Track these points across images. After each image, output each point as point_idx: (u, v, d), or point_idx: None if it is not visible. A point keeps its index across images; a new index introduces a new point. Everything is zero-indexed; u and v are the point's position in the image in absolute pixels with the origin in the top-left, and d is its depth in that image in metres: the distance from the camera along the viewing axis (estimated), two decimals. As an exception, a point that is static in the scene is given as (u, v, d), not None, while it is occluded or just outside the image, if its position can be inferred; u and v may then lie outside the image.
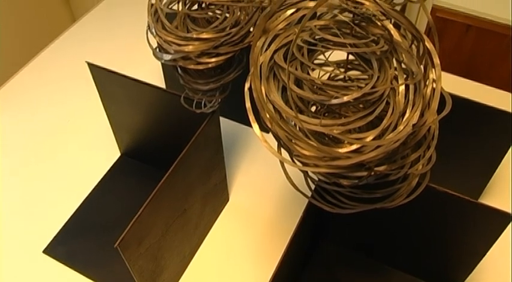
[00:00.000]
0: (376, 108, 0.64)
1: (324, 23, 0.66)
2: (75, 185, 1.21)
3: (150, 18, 0.80)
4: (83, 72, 1.47)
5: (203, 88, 0.83)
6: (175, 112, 0.97)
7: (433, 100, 0.66)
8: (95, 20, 1.66)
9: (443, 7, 1.82)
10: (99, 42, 1.58)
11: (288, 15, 0.66)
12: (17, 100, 1.41)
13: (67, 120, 1.35)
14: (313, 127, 0.60)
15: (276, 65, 0.64)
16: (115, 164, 1.25)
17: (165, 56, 0.77)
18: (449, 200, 0.82)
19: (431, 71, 0.67)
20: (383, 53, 0.65)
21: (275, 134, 0.64)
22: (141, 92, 1.00)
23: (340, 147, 0.62)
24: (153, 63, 1.45)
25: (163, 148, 1.12)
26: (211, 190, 1.04)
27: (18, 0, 2.44)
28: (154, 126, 1.08)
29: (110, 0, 1.74)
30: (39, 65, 1.51)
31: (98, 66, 1.01)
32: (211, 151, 0.97)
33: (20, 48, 2.49)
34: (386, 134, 0.62)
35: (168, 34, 0.77)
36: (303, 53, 0.65)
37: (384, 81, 0.64)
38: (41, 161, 1.26)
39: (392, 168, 0.67)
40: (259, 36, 0.64)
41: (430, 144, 0.70)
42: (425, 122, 0.65)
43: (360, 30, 0.64)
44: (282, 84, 0.65)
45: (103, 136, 1.30)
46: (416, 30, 0.64)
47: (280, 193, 1.15)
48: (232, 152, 1.25)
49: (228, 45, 0.76)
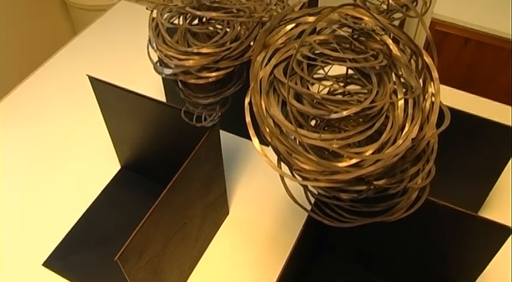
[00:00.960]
0: (375, 122, 0.64)
1: (323, 38, 0.66)
2: (75, 198, 1.21)
3: (151, 32, 0.81)
4: (83, 85, 1.48)
5: (203, 102, 0.84)
6: (175, 125, 0.97)
7: (432, 114, 0.66)
8: (95, 34, 1.67)
9: (442, 20, 1.83)
10: (100, 56, 1.58)
11: (288, 30, 0.66)
12: (18, 113, 1.41)
13: (68, 131, 1.35)
14: (312, 141, 0.61)
15: (276, 80, 0.64)
16: (115, 177, 1.25)
17: (166, 71, 0.78)
18: (448, 213, 0.82)
19: (430, 85, 0.67)
20: (382, 67, 0.65)
21: (275, 148, 0.64)
22: (142, 106, 1.00)
23: (340, 161, 0.62)
24: (154, 76, 1.46)
25: (164, 161, 1.12)
26: (211, 203, 1.04)
27: (20, 13, 2.46)
28: (155, 140, 1.08)
29: (111, 14, 1.75)
30: (40, 78, 1.52)
31: (98, 80, 1.02)
32: (211, 165, 0.97)
33: (21, 61, 2.50)
34: (386, 148, 0.63)
35: (168, 48, 0.77)
36: (302, 67, 0.65)
37: (383, 95, 0.64)
38: (41, 174, 1.26)
39: (392, 182, 0.68)
40: (260, 51, 0.65)
41: (430, 158, 0.70)
42: (424, 136, 0.65)
43: (359, 45, 0.65)
44: (282, 99, 0.65)
45: (103, 149, 1.30)
46: (415, 45, 0.65)
47: (280, 206, 1.15)
48: (232, 165, 1.25)
49: (228, 59, 0.77)
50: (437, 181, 0.94)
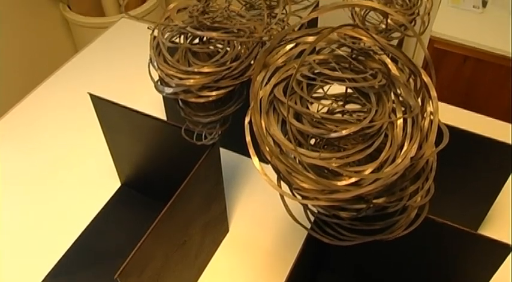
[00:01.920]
0: (374, 141, 0.64)
1: (322, 58, 0.67)
2: (74, 215, 1.21)
3: (152, 51, 0.82)
4: (84, 102, 1.49)
5: (204, 121, 0.84)
6: (176, 143, 0.98)
7: (430, 133, 0.67)
8: (96, 51, 1.68)
9: (440, 38, 1.84)
10: (101, 73, 1.59)
11: (288, 50, 0.67)
12: (18, 129, 1.42)
13: (69, 149, 1.36)
14: (312, 160, 0.61)
15: (276, 99, 0.65)
16: (115, 194, 1.25)
17: (167, 89, 0.78)
18: (448, 231, 0.82)
19: (428, 104, 0.68)
20: (381, 87, 0.66)
21: (275, 167, 0.64)
22: (142, 123, 1.01)
23: (339, 180, 0.63)
24: (154, 94, 1.46)
25: (164, 179, 1.12)
26: (211, 221, 1.04)
27: (21, 30, 2.47)
28: (155, 157, 1.09)
29: (112, 32, 1.77)
30: (41, 95, 1.52)
31: (99, 97, 1.02)
32: (211, 182, 0.97)
33: (23, 77, 2.51)
34: (385, 167, 0.63)
35: (169, 68, 0.78)
36: (302, 87, 0.66)
37: (382, 114, 0.65)
38: (41, 191, 1.26)
39: (391, 201, 0.68)
40: (260, 71, 0.66)
41: (429, 176, 0.70)
42: (423, 154, 0.66)
43: (358, 64, 0.65)
44: (282, 118, 0.66)
45: (103, 166, 1.31)
46: (413, 64, 0.65)
47: (280, 224, 1.15)
48: (232, 182, 1.26)
49: (229, 78, 0.78)
50: (437, 199, 0.94)
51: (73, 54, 1.70)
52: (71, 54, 2.58)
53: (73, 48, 2.77)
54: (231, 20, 0.80)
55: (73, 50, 2.75)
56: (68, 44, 2.77)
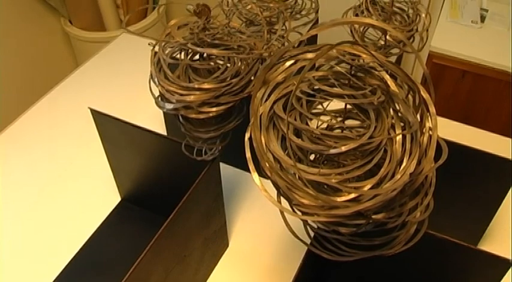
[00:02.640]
0: (373, 157, 0.65)
1: (322, 74, 0.68)
2: (74, 230, 1.21)
3: (152, 67, 0.82)
4: (84, 116, 1.49)
5: (204, 136, 0.85)
6: (176, 158, 0.98)
7: (429, 148, 0.67)
8: (97, 66, 1.69)
9: (439, 53, 1.85)
10: (102, 88, 1.60)
11: (287, 67, 0.68)
12: (19, 144, 1.42)
13: (69, 163, 1.36)
14: (311, 177, 0.61)
15: (276, 115, 0.66)
16: (115, 208, 1.25)
17: (167, 105, 0.79)
18: (448, 246, 0.82)
19: (427, 120, 0.68)
20: (380, 103, 0.66)
21: (275, 183, 0.65)
22: (143, 139, 1.01)
23: (339, 196, 0.63)
24: (155, 109, 1.46)
25: (164, 194, 1.12)
26: (211, 236, 1.04)
27: (22, 44, 2.49)
28: (155, 172, 1.09)
29: (113, 46, 1.78)
30: (42, 109, 1.53)
31: (100, 112, 1.03)
32: (211, 198, 0.98)
33: (23, 91, 2.52)
34: (384, 183, 0.63)
35: (170, 84, 0.78)
36: (302, 103, 0.66)
37: (381, 130, 0.65)
38: (41, 204, 1.26)
39: (391, 216, 0.68)
40: (259, 88, 0.66)
41: (428, 192, 0.71)
42: (422, 170, 0.66)
43: (357, 81, 0.66)
44: (282, 134, 0.66)
45: (103, 181, 1.31)
46: (412, 81, 0.66)
47: (280, 239, 1.15)
48: (232, 197, 1.26)
49: (229, 95, 0.78)
50: (437, 214, 0.94)
51: (74, 68, 1.70)
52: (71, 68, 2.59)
53: (74, 62, 2.78)
54: (231, 36, 0.81)
55: (74, 64, 2.76)
56: (69, 59, 2.79)
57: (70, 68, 2.60)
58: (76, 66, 2.42)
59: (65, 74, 1.67)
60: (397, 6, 0.98)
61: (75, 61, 2.78)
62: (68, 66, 2.76)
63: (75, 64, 2.76)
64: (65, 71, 2.54)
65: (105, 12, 2.55)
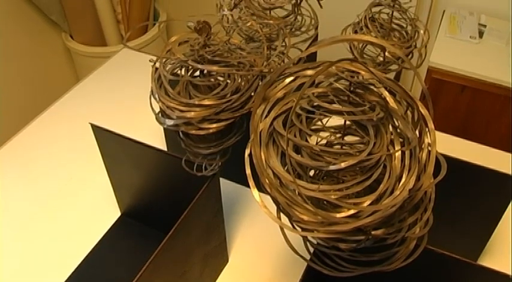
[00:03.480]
0: (373, 173, 0.65)
1: (321, 91, 0.68)
2: (73, 245, 1.21)
3: (153, 83, 0.83)
4: (85, 131, 1.49)
5: (204, 152, 0.85)
6: (176, 174, 0.98)
7: (428, 164, 0.67)
8: (98, 81, 1.70)
9: (438, 68, 1.86)
10: (102, 103, 1.61)
11: (287, 83, 0.68)
12: (19, 158, 1.43)
13: (69, 178, 1.36)
14: (311, 193, 0.62)
15: (275, 132, 0.66)
16: (115, 223, 1.25)
17: (168, 122, 0.79)
18: (448, 261, 0.82)
19: (426, 136, 0.68)
20: (379, 119, 0.67)
21: (274, 199, 0.65)
22: (143, 154, 1.01)
23: (338, 212, 0.63)
24: (155, 124, 1.47)
25: (164, 209, 1.12)
26: (211, 252, 1.04)
27: (23, 59, 2.50)
28: (155, 187, 1.09)
29: (114, 61, 1.79)
30: (43, 124, 1.54)
31: (101, 128, 1.03)
32: (211, 213, 0.98)
33: (24, 106, 2.53)
34: (383, 199, 0.64)
35: (170, 100, 0.79)
36: (301, 119, 0.67)
37: (380, 147, 0.66)
38: (40, 219, 1.26)
39: (390, 232, 0.68)
40: (259, 104, 0.67)
41: (427, 207, 0.71)
42: (421, 186, 0.66)
43: (356, 98, 0.66)
44: (281, 150, 0.67)
45: (103, 196, 1.31)
46: (411, 97, 0.66)
47: (280, 255, 1.15)
48: (232, 213, 1.26)
49: (229, 111, 0.79)
50: (436, 229, 0.94)
51: (75, 83, 1.71)
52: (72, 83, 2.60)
53: (75, 77, 2.80)
54: (231, 52, 0.82)
55: (75, 79, 2.78)
56: (70, 73, 2.80)
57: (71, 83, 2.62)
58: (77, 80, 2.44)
59: (66, 89, 1.68)
60: (396, 23, 0.99)
61: (76, 76, 2.79)
62: (69, 80, 2.77)
63: (76, 79, 2.78)
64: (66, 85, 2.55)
65: (106, 27, 2.57)
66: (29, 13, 2.47)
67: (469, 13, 2.10)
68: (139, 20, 2.58)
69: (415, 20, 0.98)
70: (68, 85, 1.79)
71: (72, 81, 2.70)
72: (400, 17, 0.98)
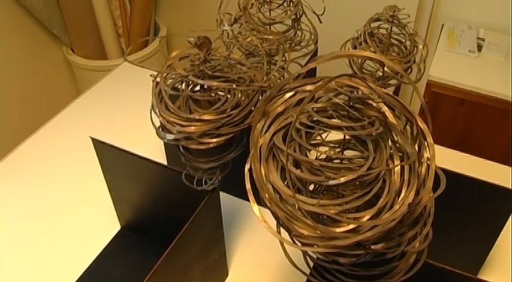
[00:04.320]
0: (372, 188, 0.66)
1: (321, 106, 0.69)
2: (73, 258, 1.20)
3: (154, 98, 0.83)
4: (85, 145, 1.50)
5: (204, 166, 0.86)
6: (176, 188, 0.99)
7: (428, 179, 0.68)
8: (98, 94, 1.71)
9: (437, 82, 1.87)
10: (103, 116, 1.61)
11: (287, 99, 0.69)
12: (19, 171, 1.43)
13: (69, 191, 1.37)
14: (311, 208, 0.62)
15: (275, 147, 0.66)
16: (115, 237, 1.25)
17: (168, 136, 0.80)
18: (448, 275, 0.82)
19: (425, 150, 0.69)
20: (378, 134, 0.67)
21: (274, 214, 0.65)
22: (143, 168, 1.02)
23: (338, 227, 0.64)
24: (155, 138, 1.48)
25: (164, 223, 1.13)
26: (211, 265, 1.04)
27: (24, 72, 2.51)
28: (155, 201, 1.10)
29: (114, 75, 1.79)
30: (43, 137, 1.54)
31: (101, 142, 1.04)
32: (211, 227, 0.98)
33: (24, 119, 2.54)
34: (383, 214, 0.64)
35: (171, 115, 0.79)
36: (301, 134, 0.67)
37: (379, 161, 0.66)
38: (40, 232, 1.26)
39: (390, 246, 0.69)
40: (259, 119, 0.67)
41: (427, 221, 0.71)
42: (420, 200, 0.67)
43: (355, 113, 0.67)
44: (281, 164, 0.67)
45: (103, 209, 1.31)
46: (409, 112, 0.67)
47: (280, 269, 1.15)
48: (232, 226, 1.26)
49: (229, 126, 0.79)
50: (436, 243, 0.94)
51: (75, 96, 1.72)
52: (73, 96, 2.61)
53: (75, 90, 2.81)
54: (231, 68, 0.82)
55: (75, 92, 2.78)
56: (71, 86, 2.81)
57: (71, 96, 2.63)
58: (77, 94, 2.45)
59: (67, 102, 1.69)
60: (395, 38, 0.99)
61: (77, 89, 2.81)
62: (70, 94, 2.78)
63: (77, 92, 2.79)
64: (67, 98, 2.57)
65: (106, 41, 2.58)
66: (30, 26, 2.48)
67: (468, 27, 2.11)
68: (139, 34, 2.59)
69: (413, 35, 0.98)
70: (69, 98, 1.80)
71: (72, 95, 2.71)
72: (399, 32, 0.98)
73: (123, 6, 2.57)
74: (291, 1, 1.04)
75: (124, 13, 2.58)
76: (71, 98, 1.79)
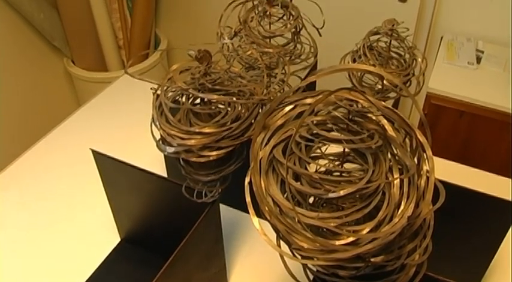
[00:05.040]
0: (372, 201, 0.66)
1: (320, 119, 0.69)
2: (73, 270, 1.20)
3: (154, 111, 0.84)
4: (86, 156, 1.50)
5: (204, 179, 0.86)
6: (176, 200, 0.99)
7: (427, 191, 0.68)
8: (99, 106, 1.71)
9: (437, 94, 1.88)
10: (103, 128, 1.61)
11: (287, 112, 0.69)
12: (19, 183, 1.43)
13: (69, 203, 1.37)
14: (310, 221, 0.62)
15: (275, 160, 0.67)
16: (114, 249, 1.25)
17: (168, 149, 0.80)
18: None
19: (424, 163, 0.69)
20: (378, 147, 0.67)
21: (274, 226, 0.65)
22: (143, 180, 1.02)
23: (338, 239, 0.64)
24: (155, 150, 1.48)
25: (164, 235, 1.13)
26: (211, 278, 1.04)
27: (25, 84, 2.52)
28: (155, 213, 1.10)
29: (115, 87, 1.80)
30: (43, 149, 1.54)
31: (101, 154, 1.04)
32: (211, 240, 0.98)
33: (25, 131, 2.54)
34: (382, 226, 0.64)
35: (171, 128, 0.80)
36: (300, 147, 0.68)
37: (379, 174, 0.67)
38: (40, 244, 1.26)
39: (389, 259, 0.69)
40: (259, 132, 0.68)
41: (426, 234, 0.71)
42: (420, 213, 0.67)
43: (354, 126, 0.67)
44: (281, 177, 0.67)
45: (103, 221, 1.31)
46: (408, 125, 0.67)
47: (279, 281, 1.15)
48: (232, 239, 1.26)
49: (229, 139, 0.80)
50: (436, 255, 0.94)
51: (76, 107, 1.72)
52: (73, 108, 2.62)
53: (76, 102, 2.81)
54: (231, 81, 0.83)
55: (76, 104, 2.79)
56: (71, 98, 2.82)
57: (72, 108, 2.64)
58: (78, 105, 2.46)
59: (67, 114, 1.69)
60: (394, 51, 1.00)
61: (77, 101, 2.81)
62: (70, 105, 2.78)
63: (77, 104, 2.79)
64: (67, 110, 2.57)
65: (107, 53, 2.59)
66: (31, 38, 2.49)
67: (467, 39, 2.12)
68: (140, 46, 2.60)
69: (412, 48, 0.99)
70: (69, 110, 1.80)
71: (73, 106, 2.71)
72: (398, 46, 0.99)
73: (124, 19, 2.58)
74: (290, 14, 1.05)
75: (125, 25, 2.59)
76: (71, 109, 1.80)
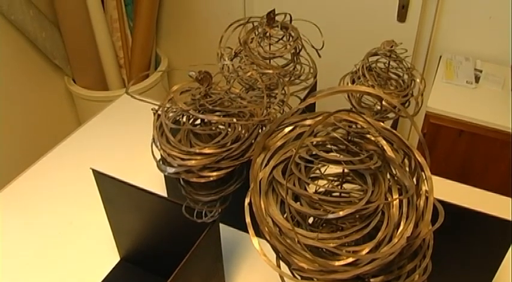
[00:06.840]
0: (371, 221, 0.66)
1: (320, 140, 0.70)
2: (73, 291, 1.20)
3: (155, 131, 0.85)
4: (86, 176, 1.50)
5: (204, 199, 0.86)
6: (176, 220, 0.99)
7: (426, 211, 0.68)
8: (99, 125, 1.72)
9: (436, 114, 1.89)
10: (103, 147, 1.62)
11: (286, 133, 0.70)
12: (19, 202, 1.43)
13: (69, 222, 1.37)
14: (310, 242, 0.63)
15: (275, 181, 0.67)
16: (114, 268, 1.25)
17: (169, 169, 0.81)
18: (447, 309, 0.82)
19: (423, 183, 0.70)
20: (377, 168, 0.68)
21: (274, 247, 0.66)
22: (143, 199, 1.02)
23: (337, 260, 0.64)
24: (156, 170, 1.48)
25: (163, 255, 1.13)
26: (211, 297, 1.04)
27: (25, 102, 2.53)
28: (155, 233, 1.10)
29: (115, 106, 1.81)
30: (43, 167, 1.54)
31: (101, 173, 1.04)
32: (210, 260, 0.98)
33: (25, 149, 2.55)
34: (382, 247, 0.64)
35: (171, 148, 0.80)
36: (300, 168, 0.68)
37: (378, 195, 0.67)
38: (39, 264, 1.26)
39: (389, 279, 0.69)
40: (259, 153, 0.68)
41: (426, 254, 0.72)
42: (419, 233, 0.67)
43: (353, 147, 0.68)
44: (281, 198, 0.68)
45: (103, 240, 1.31)
46: (407, 146, 0.68)
47: (280, 301, 1.15)
48: (232, 259, 1.26)
49: (229, 159, 0.80)
50: (436, 274, 0.94)
51: (76, 126, 1.73)
52: (74, 126, 2.63)
53: (76, 121, 2.82)
54: (231, 102, 0.84)
55: (76, 123, 2.80)
56: (72, 117, 2.83)
57: (73, 127, 2.65)
58: (78, 124, 2.46)
59: (68, 133, 1.70)
60: (393, 72, 1.01)
61: (78, 119, 2.82)
62: (71, 124, 2.79)
63: (78, 122, 2.80)
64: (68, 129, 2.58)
65: (108, 72, 2.61)
66: (32, 56, 2.51)
67: (465, 58, 2.14)
68: (141, 65, 2.62)
69: (411, 69, 1.00)
70: (70, 129, 1.81)
71: (73, 125, 2.72)
72: (397, 66, 1.00)
73: (125, 38, 2.60)
74: (290, 36, 1.06)
75: (125, 44, 2.61)
76: (72, 128, 1.80)
